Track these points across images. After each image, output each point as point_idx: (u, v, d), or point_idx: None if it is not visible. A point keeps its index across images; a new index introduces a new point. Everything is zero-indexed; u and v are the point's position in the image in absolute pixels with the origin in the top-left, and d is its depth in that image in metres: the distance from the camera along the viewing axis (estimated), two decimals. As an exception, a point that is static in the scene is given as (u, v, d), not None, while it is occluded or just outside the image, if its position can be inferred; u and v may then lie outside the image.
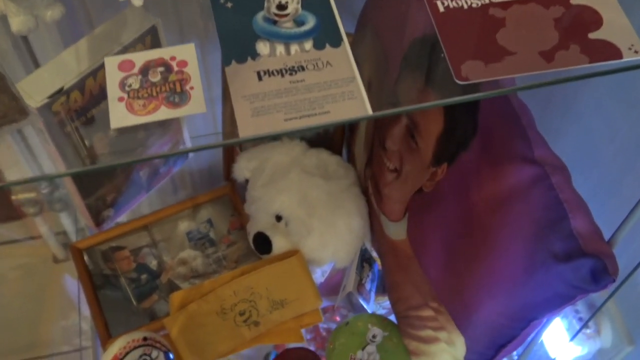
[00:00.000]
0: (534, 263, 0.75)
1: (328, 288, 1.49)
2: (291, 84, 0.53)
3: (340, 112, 0.52)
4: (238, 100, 0.52)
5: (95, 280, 1.11)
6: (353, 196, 1.05)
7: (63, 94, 0.90)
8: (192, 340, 1.02)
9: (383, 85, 0.96)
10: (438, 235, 0.89)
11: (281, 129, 0.51)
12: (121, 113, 0.52)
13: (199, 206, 1.18)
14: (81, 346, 1.43)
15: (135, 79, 0.54)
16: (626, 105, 1.13)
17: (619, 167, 1.18)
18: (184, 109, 0.52)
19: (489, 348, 0.91)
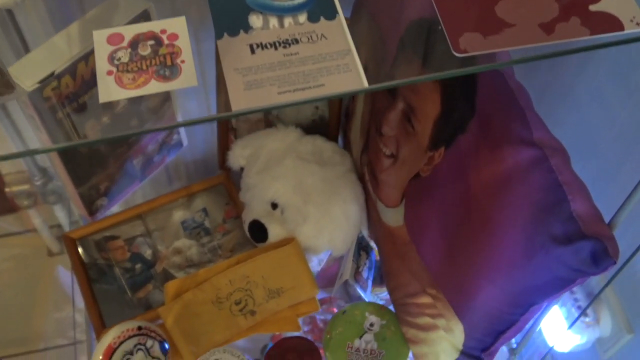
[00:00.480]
0: (534, 246, 0.73)
1: (325, 279, 1.48)
2: (285, 57, 0.52)
3: (335, 85, 0.51)
4: (230, 73, 0.50)
5: (89, 270, 1.09)
6: (349, 183, 1.04)
7: (54, 78, 0.89)
8: (187, 330, 1.01)
9: (380, 68, 0.95)
10: (435, 221, 0.88)
11: (274, 102, 0.49)
12: (110, 87, 0.51)
13: (193, 195, 1.17)
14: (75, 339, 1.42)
15: (125, 53, 0.52)
16: (625, 92, 1.12)
17: (618, 154, 1.17)
18: (175, 82, 0.51)
19: (487, 335, 0.89)
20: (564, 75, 1.27)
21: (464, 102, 0.81)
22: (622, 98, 1.13)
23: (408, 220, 0.94)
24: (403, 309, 1.01)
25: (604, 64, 1.16)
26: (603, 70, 1.17)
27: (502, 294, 0.81)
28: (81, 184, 1.06)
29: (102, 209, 1.14)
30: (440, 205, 0.86)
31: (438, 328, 0.95)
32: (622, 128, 1.15)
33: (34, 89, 0.87)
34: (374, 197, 1.02)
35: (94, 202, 1.11)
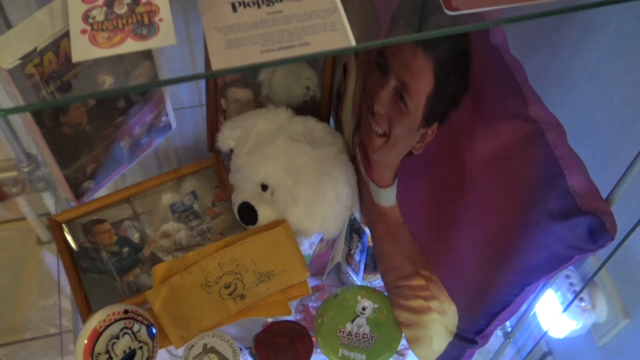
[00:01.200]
0: (529, 223, 0.71)
1: (316, 267, 1.46)
2: (268, 15, 0.50)
3: (320, 44, 0.48)
4: (211, 32, 0.48)
5: (75, 254, 1.07)
6: (341, 164, 1.02)
7: (36, 55, 0.86)
8: (175, 314, 0.99)
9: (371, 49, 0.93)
10: (429, 199, 0.86)
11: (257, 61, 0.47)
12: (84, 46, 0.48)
13: (182, 178, 1.14)
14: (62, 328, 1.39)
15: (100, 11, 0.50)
16: (622, 71, 1.11)
17: (615, 134, 1.16)
18: (152, 41, 0.48)
19: (482, 316, 0.87)
20: (560, 54, 1.25)
21: (457, 77, 0.79)
22: (619, 76, 1.12)
23: (400, 200, 0.92)
24: (396, 291, 0.99)
25: (601, 42, 1.14)
26: (600, 48, 1.15)
27: (497, 274, 0.79)
28: (67, 166, 1.03)
29: (88, 192, 1.11)
30: (434, 183, 0.84)
31: (431, 310, 0.93)
32: (620, 107, 1.13)
33: (15, 65, 0.84)
34: (366, 178, 1.00)
35: (81, 185, 1.09)
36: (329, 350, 1.01)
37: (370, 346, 1.01)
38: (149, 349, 0.97)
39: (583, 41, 1.18)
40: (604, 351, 1.36)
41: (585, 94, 1.20)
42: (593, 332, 1.36)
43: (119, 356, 0.93)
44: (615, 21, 1.08)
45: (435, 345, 0.96)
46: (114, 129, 1.07)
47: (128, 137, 1.11)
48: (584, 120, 1.19)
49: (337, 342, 1.01)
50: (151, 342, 0.97)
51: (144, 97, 1.09)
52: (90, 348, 0.90)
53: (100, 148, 1.07)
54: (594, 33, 1.15)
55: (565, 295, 1.25)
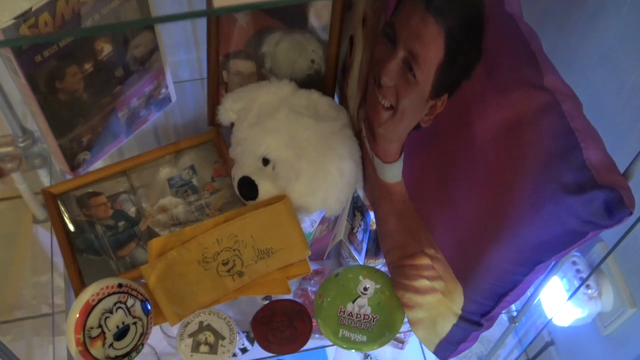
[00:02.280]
0: (543, 197, 0.68)
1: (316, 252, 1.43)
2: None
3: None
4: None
5: (69, 227, 1.04)
6: (345, 139, 0.99)
7: (31, 15, 0.83)
8: (171, 290, 0.96)
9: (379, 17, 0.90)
10: (436, 174, 0.82)
11: (261, 0, 0.44)
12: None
13: (181, 152, 1.11)
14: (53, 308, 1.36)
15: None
16: (634, 56, 1.07)
17: (626, 120, 1.13)
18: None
19: (488, 297, 0.84)
20: (571, 38, 1.22)
21: (469, 46, 0.75)
22: (630, 63, 1.09)
23: (406, 176, 0.89)
24: (399, 271, 0.96)
25: (614, 24, 1.11)
26: (613, 30, 1.12)
27: (506, 251, 0.76)
28: (62, 135, 1.00)
29: (84, 164, 1.08)
30: (442, 157, 0.81)
31: (436, 291, 0.90)
32: (630, 94, 1.10)
33: (9, 25, 0.81)
34: (371, 154, 0.97)
35: (76, 156, 1.06)
36: (329, 331, 0.98)
37: (371, 327, 0.98)
38: (143, 324, 0.94)
39: (595, 22, 1.15)
40: (609, 341, 1.34)
41: (596, 77, 1.16)
42: (598, 321, 1.34)
43: (112, 331, 0.90)
44: (629, 2, 1.05)
45: (438, 327, 0.93)
46: (112, 99, 1.04)
47: (126, 108, 1.08)
48: (593, 105, 1.15)
49: (337, 323, 0.98)
50: (145, 318, 0.94)
51: (143, 66, 1.05)
52: (82, 322, 0.87)
53: (97, 118, 1.04)
54: (607, 14, 1.12)
55: (571, 282, 1.22)
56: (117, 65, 1.01)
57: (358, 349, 0.98)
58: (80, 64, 0.95)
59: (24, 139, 1.40)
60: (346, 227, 1.02)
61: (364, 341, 0.97)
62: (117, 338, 0.91)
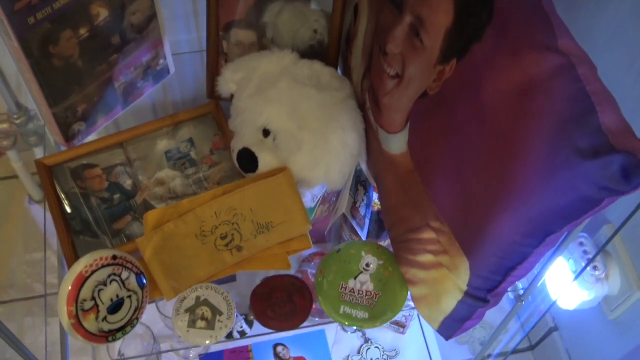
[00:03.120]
0: (556, 162, 0.65)
1: (315, 234, 1.41)
2: None
3: None
4: None
5: (63, 199, 1.01)
6: (348, 109, 0.95)
7: (24, -27, 0.80)
8: (167, 263, 0.93)
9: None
10: (443, 142, 0.79)
11: None
12: None
13: (179, 124, 1.08)
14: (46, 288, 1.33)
15: None
16: (647, 32, 1.05)
17: (637, 97, 1.10)
18: None
19: (496, 272, 0.81)
20: (581, 15, 1.19)
21: (480, 7, 0.72)
22: (641, 38, 1.06)
23: (412, 146, 0.86)
24: (403, 246, 0.93)
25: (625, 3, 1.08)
26: (626, 7, 1.09)
27: (516, 221, 0.72)
28: (56, 104, 0.97)
29: (79, 135, 1.05)
30: (450, 124, 0.77)
31: (441, 266, 0.87)
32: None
33: (0, -18, 0.78)
34: (375, 126, 0.93)
35: (71, 127, 1.03)
36: (330, 307, 0.95)
37: (373, 304, 0.95)
38: (138, 298, 0.91)
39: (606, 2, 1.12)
40: (615, 325, 1.31)
41: (605, 56, 1.14)
42: (604, 305, 1.31)
43: (106, 304, 0.87)
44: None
45: (443, 303, 0.90)
46: (108, 67, 1.01)
47: (122, 77, 1.04)
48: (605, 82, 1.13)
49: (339, 299, 0.95)
50: (140, 292, 0.91)
51: (141, 34, 1.02)
52: (74, 294, 0.84)
53: (93, 87, 1.00)
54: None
55: (578, 263, 1.19)
56: (113, 32, 0.98)
57: (359, 325, 0.95)
58: (75, 29, 0.92)
59: (19, 115, 1.37)
60: (348, 201, 0.99)
61: (365, 318, 0.94)
62: (110, 311, 0.88)
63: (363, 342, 1.43)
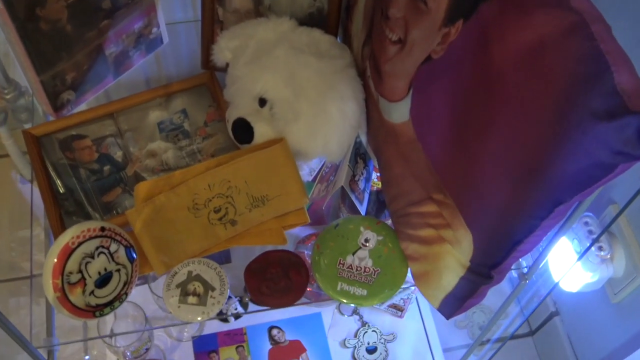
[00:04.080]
0: (568, 125, 0.61)
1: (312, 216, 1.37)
2: None
3: None
4: None
5: (51, 171, 0.97)
6: (348, 78, 0.92)
7: None
8: (158, 237, 0.90)
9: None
10: (448, 108, 0.76)
11: None
12: None
13: (173, 95, 1.04)
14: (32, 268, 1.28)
15: None
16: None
17: None
18: None
19: (500, 246, 0.78)
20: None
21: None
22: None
23: (414, 114, 0.82)
24: (403, 220, 0.89)
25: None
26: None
27: (524, 191, 0.69)
28: (44, 71, 0.93)
29: (68, 105, 1.01)
30: (455, 89, 0.74)
31: (443, 241, 0.84)
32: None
33: None
34: (376, 95, 0.90)
35: (59, 96, 0.99)
36: (327, 284, 0.91)
37: (372, 281, 0.91)
38: (127, 272, 0.87)
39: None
40: (619, 309, 1.28)
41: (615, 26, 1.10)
42: (607, 287, 1.28)
43: (93, 277, 0.84)
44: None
45: (444, 280, 0.87)
46: (98, 34, 0.97)
47: (114, 45, 1.01)
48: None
49: (336, 275, 0.91)
50: (130, 266, 0.88)
51: (133, 0, 0.98)
52: (60, 266, 0.81)
53: (82, 54, 0.97)
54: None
55: (583, 243, 1.15)
56: (104, -3, 0.94)
57: (358, 303, 0.91)
58: (63, -9, 0.88)
59: (10, 90, 1.33)
60: (347, 174, 0.96)
61: (364, 295, 0.91)
62: (98, 285, 0.84)
63: (360, 326, 1.40)
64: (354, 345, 1.36)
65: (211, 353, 1.35)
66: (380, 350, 1.36)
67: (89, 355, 1.41)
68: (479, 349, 1.30)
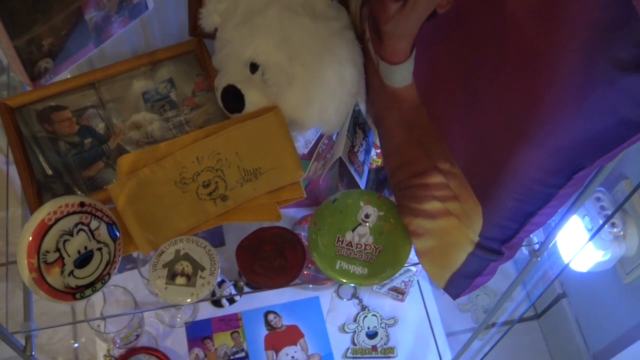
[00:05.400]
0: (592, 78, 0.55)
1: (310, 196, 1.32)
2: None
3: None
4: None
5: (29, 144, 0.91)
6: (345, 41, 0.85)
7: None
8: (143, 213, 0.83)
9: None
10: (455, 67, 0.69)
11: None
12: None
13: (158, 63, 0.98)
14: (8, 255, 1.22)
15: None
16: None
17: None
18: None
19: (513, 218, 0.72)
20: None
21: None
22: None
23: (418, 76, 0.75)
24: (407, 193, 0.83)
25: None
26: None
27: (541, 155, 0.63)
28: (18, 35, 0.86)
29: (47, 75, 0.95)
30: (463, 45, 0.67)
31: (449, 214, 0.78)
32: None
33: None
34: (376, 59, 0.83)
35: (36, 64, 0.92)
36: (325, 263, 0.85)
37: (373, 259, 0.85)
38: (110, 251, 0.81)
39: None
40: (630, 290, 1.22)
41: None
42: (619, 267, 1.22)
43: (72, 257, 0.78)
44: None
45: (451, 257, 0.81)
46: (77, -5, 0.90)
47: (94, 9, 0.94)
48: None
49: (335, 253, 0.85)
50: (112, 244, 0.81)
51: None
52: (36, 244, 0.75)
53: (60, 18, 0.90)
54: None
55: (595, 220, 1.09)
56: (82, -45, 0.87)
57: (358, 283, 0.85)
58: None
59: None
60: (346, 144, 0.89)
61: (364, 274, 0.85)
62: (78, 265, 0.78)
63: (360, 310, 1.35)
64: (354, 330, 1.31)
65: (205, 339, 1.30)
66: (380, 335, 1.31)
67: (77, 343, 1.36)
68: (484, 333, 1.24)
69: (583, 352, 1.39)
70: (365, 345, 1.30)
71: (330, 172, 1.22)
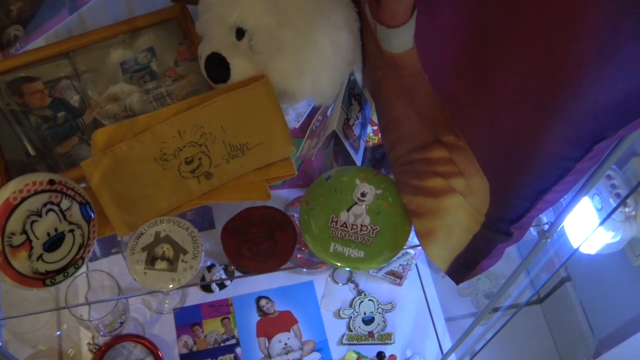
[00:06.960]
0: (607, 45, 0.49)
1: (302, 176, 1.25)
2: None
3: None
4: None
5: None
6: (340, 4, 0.78)
7: None
8: (120, 192, 0.77)
9: None
10: (461, 29, 0.63)
11: None
12: None
13: (138, 31, 0.91)
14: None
15: None
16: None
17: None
18: None
19: (524, 195, 0.66)
20: None
21: None
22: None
23: (419, 40, 0.69)
24: (407, 169, 0.77)
25: None
26: None
27: (560, 124, 0.56)
28: (-18, -1, 0.79)
29: (17, 43, 0.88)
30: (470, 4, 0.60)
31: (453, 192, 0.71)
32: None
33: None
34: (373, 24, 0.76)
35: (4, 31, 0.86)
36: (318, 245, 0.79)
37: (370, 241, 0.79)
38: (83, 233, 0.75)
39: None
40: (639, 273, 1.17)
41: None
42: (628, 249, 1.16)
43: (41, 239, 0.71)
44: None
45: (455, 239, 0.74)
46: (47, -45, 0.83)
47: (67, -28, 0.86)
48: None
49: (328, 235, 0.79)
50: (86, 226, 0.75)
51: None
52: (0, 226, 0.68)
53: (29, -20, 0.83)
54: None
55: (605, 199, 1.03)
56: None
57: (354, 266, 0.79)
58: None
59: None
60: (340, 116, 0.83)
61: (360, 257, 0.78)
62: (47, 249, 0.72)
63: (356, 295, 1.30)
64: (350, 315, 1.26)
65: (194, 326, 1.25)
66: (377, 321, 1.26)
67: (60, 331, 1.30)
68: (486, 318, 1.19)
69: (588, 338, 1.34)
70: (362, 332, 1.25)
71: (325, 151, 1.16)
